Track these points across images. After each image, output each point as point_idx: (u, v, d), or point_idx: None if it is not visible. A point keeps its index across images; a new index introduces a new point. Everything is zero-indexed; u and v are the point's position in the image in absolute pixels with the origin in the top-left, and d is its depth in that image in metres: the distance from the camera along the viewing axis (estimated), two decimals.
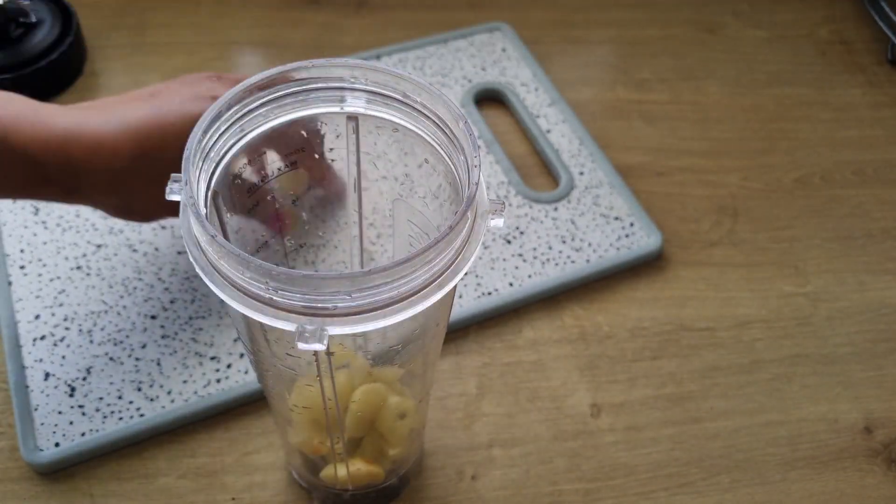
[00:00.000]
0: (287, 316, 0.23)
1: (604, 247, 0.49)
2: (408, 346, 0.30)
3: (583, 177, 0.52)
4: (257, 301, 0.23)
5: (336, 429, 0.33)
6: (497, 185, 0.52)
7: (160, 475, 0.40)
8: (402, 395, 0.34)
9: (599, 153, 0.53)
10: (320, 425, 0.33)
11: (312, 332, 0.23)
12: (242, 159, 0.28)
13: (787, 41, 0.64)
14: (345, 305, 0.23)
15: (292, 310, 0.23)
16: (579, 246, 0.49)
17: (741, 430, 0.44)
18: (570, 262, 0.48)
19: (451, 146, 0.27)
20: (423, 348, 0.31)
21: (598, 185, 0.52)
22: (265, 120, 0.28)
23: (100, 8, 0.60)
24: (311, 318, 0.23)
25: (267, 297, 0.23)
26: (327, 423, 0.32)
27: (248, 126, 0.28)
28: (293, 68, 0.27)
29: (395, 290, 0.23)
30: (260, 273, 0.23)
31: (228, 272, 0.24)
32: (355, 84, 0.28)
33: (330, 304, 0.23)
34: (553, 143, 0.54)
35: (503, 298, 0.46)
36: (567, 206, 0.51)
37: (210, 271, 0.24)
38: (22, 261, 0.46)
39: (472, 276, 0.47)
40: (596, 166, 0.53)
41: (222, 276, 0.24)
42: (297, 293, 0.23)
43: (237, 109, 0.27)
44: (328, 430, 0.33)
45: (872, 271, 0.51)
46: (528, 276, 0.47)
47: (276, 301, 0.23)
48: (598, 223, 0.50)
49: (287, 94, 0.28)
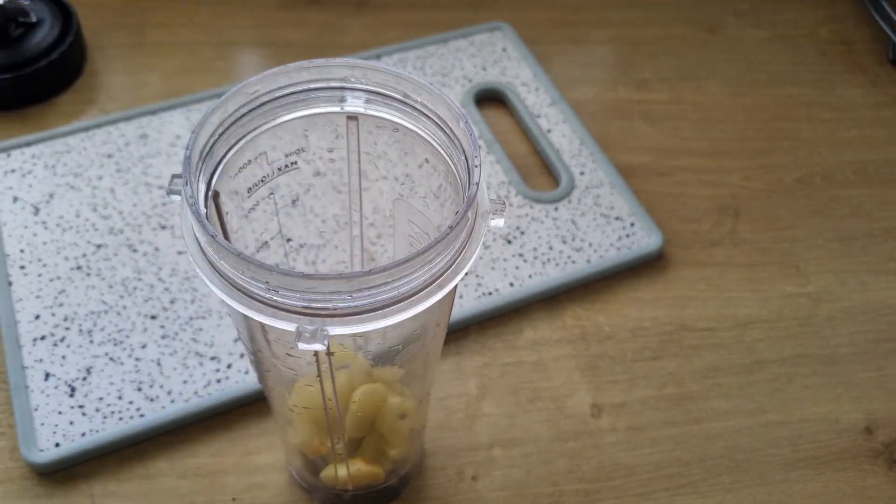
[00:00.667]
0: (287, 316, 0.23)
1: (604, 247, 0.49)
2: (408, 347, 0.30)
3: (583, 176, 0.52)
4: (257, 301, 0.23)
5: (336, 429, 0.33)
6: (498, 185, 0.51)
7: (160, 475, 0.40)
8: (402, 396, 0.34)
9: (600, 153, 0.53)
10: (320, 426, 0.33)
11: (312, 333, 0.23)
12: (242, 159, 0.28)
13: (788, 41, 0.64)
14: (345, 305, 0.23)
15: (292, 310, 0.23)
16: (580, 246, 0.49)
17: (742, 430, 0.44)
18: (570, 262, 0.48)
19: (452, 146, 0.27)
20: (423, 348, 0.31)
21: (598, 184, 0.52)
22: (265, 120, 0.28)
23: (100, 8, 0.60)
24: (311, 319, 0.23)
25: (267, 297, 0.23)
26: (328, 423, 0.32)
27: (248, 126, 0.28)
28: (293, 68, 0.27)
29: (395, 291, 0.23)
30: (260, 273, 0.22)
31: (228, 272, 0.23)
32: (355, 84, 0.28)
33: (330, 305, 0.23)
34: (554, 143, 0.54)
35: (504, 298, 0.46)
36: (568, 206, 0.51)
37: (210, 272, 0.24)
38: (22, 261, 0.46)
39: (472, 276, 0.47)
40: (597, 166, 0.53)
41: (222, 276, 0.24)
42: (297, 293, 0.23)
43: (238, 109, 0.27)
44: (328, 431, 0.33)
45: (874, 271, 0.50)
46: (529, 275, 0.47)
47: (276, 301, 0.23)
48: (599, 223, 0.50)
49: (287, 95, 0.28)
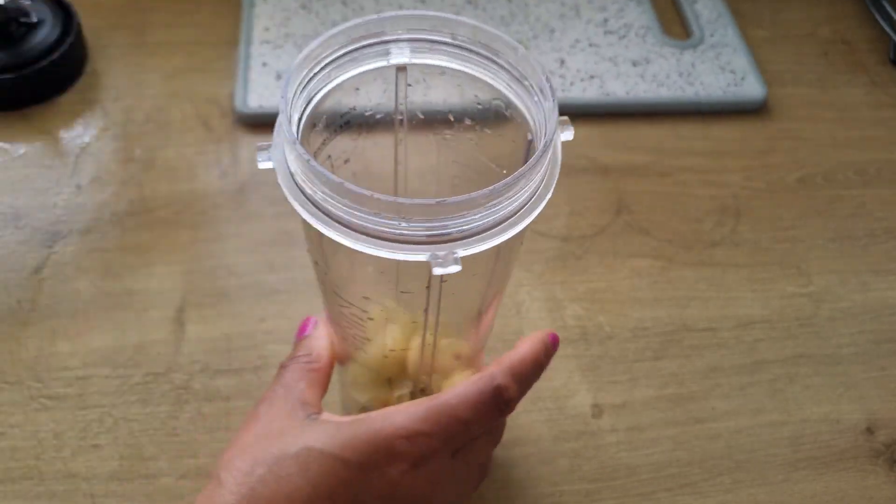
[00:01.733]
0: (415, 248, 0.24)
1: (714, 87, 0.58)
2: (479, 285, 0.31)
3: (712, 38, 0.62)
4: (384, 240, 0.24)
5: (422, 369, 0.34)
6: (638, 27, 0.62)
7: (161, 475, 0.40)
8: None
9: (732, 24, 0.63)
10: (392, 374, 0.34)
11: (444, 258, 0.24)
12: (306, 125, 0.29)
13: (790, 41, 0.64)
14: (469, 227, 0.24)
15: (418, 241, 0.24)
16: (693, 82, 0.58)
17: (743, 430, 0.43)
18: (681, 90, 0.58)
19: (511, 77, 0.28)
20: (487, 292, 0.32)
21: (723, 45, 0.61)
22: (323, 84, 0.28)
23: (101, 8, 0.60)
24: (437, 246, 0.24)
25: (396, 234, 0.24)
26: (422, 356, 0.33)
27: (314, 89, 0.28)
28: (344, 28, 0.28)
29: (509, 205, 0.25)
30: (391, 208, 0.23)
31: (353, 219, 0.24)
32: (402, 35, 0.29)
33: (455, 229, 0.24)
34: (696, 9, 0.64)
35: (618, 99, 0.57)
36: (692, 54, 0.60)
37: (331, 222, 0.25)
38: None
39: (596, 79, 0.58)
40: (726, 32, 0.62)
41: (343, 223, 0.24)
42: (428, 222, 0.24)
43: (307, 74, 0.27)
44: (420, 366, 0.34)
45: (875, 272, 0.50)
46: (644, 91, 0.57)
47: (404, 235, 0.24)
48: (714, 71, 0.59)
49: (340, 56, 0.28)
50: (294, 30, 0.59)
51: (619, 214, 0.52)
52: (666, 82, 0.58)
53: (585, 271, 0.49)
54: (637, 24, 0.62)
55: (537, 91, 0.27)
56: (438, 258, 0.24)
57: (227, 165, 0.52)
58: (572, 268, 0.49)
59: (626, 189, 0.53)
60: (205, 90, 0.56)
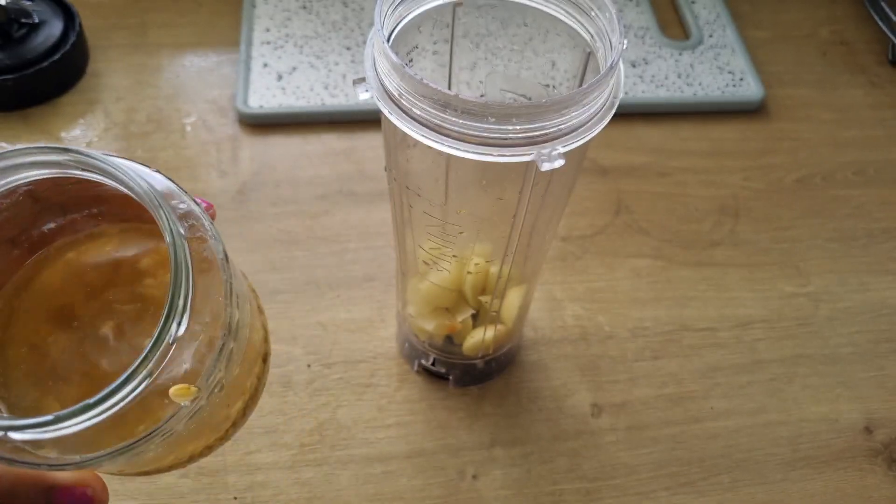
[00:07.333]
0: (520, 150, 0.26)
1: (712, 88, 0.59)
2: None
3: (711, 38, 0.62)
4: (490, 146, 0.26)
5: (500, 283, 0.36)
6: (637, 28, 0.62)
7: (162, 474, 0.40)
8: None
9: (731, 24, 0.63)
10: (450, 304, 0.37)
11: (549, 154, 0.26)
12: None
13: (789, 41, 0.64)
14: (566, 125, 0.26)
15: (521, 143, 0.26)
16: (691, 82, 0.59)
17: (742, 430, 0.44)
18: (679, 91, 0.58)
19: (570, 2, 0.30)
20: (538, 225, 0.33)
21: (722, 46, 0.62)
22: (394, 23, 0.30)
23: (102, 8, 0.61)
24: (541, 145, 0.26)
25: (497, 139, 0.25)
26: (501, 270, 0.35)
27: (400, 15, 0.30)
28: None
29: (595, 104, 0.27)
30: (502, 112, 0.25)
31: (462, 129, 0.25)
32: None
33: (553, 129, 0.26)
34: (694, 10, 0.64)
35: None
36: (691, 55, 0.61)
37: (440, 137, 0.26)
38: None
39: None
40: (725, 33, 0.62)
41: (453, 137, 0.26)
42: (530, 123, 0.25)
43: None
44: (478, 292, 0.36)
45: (874, 272, 0.51)
46: (642, 91, 0.58)
47: (510, 139, 0.26)
48: (713, 72, 0.60)
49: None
50: (294, 30, 0.59)
51: (619, 214, 0.52)
52: (665, 83, 0.59)
53: (585, 271, 0.49)
54: (636, 24, 0.63)
55: (594, 6, 0.29)
56: (543, 155, 0.26)
57: (227, 165, 0.52)
58: (572, 268, 0.49)
59: (625, 189, 0.53)
60: (205, 90, 0.56)
